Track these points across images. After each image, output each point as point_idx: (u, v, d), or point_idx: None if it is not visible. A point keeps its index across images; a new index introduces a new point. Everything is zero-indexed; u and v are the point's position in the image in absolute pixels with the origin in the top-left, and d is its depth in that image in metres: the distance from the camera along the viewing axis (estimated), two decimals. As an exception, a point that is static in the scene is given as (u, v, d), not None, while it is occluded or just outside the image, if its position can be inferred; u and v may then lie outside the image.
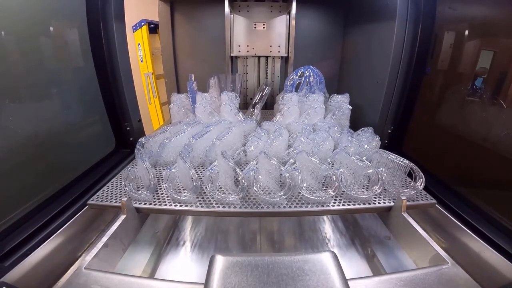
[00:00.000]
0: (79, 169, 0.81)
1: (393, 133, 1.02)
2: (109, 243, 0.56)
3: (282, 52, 1.49)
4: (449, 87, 0.88)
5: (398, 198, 0.63)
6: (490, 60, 0.72)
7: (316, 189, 0.67)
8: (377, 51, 1.10)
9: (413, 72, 0.94)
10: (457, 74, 0.85)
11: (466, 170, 0.78)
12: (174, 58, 1.59)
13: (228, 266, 0.40)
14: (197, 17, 1.52)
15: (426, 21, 0.89)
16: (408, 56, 0.94)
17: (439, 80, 0.92)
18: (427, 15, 0.89)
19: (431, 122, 0.94)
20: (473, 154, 0.76)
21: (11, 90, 0.66)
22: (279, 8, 1.44)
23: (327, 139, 0.83)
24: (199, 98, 1.19)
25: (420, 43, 0.91)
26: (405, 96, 0.97)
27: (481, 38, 0.76)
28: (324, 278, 0.38)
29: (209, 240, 0.83)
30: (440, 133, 0.88)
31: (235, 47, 1.49)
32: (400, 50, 0.94)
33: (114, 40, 0.90)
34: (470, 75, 0.79)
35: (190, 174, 0.64)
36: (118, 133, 0.99)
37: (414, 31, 0.91)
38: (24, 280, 0.48)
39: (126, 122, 0.99)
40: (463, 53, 0.81)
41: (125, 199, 0.62)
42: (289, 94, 1.21)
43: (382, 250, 0.74)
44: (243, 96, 1.64)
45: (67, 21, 0.84)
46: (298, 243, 0.83)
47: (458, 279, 0.47)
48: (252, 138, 0.86)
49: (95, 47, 0.89)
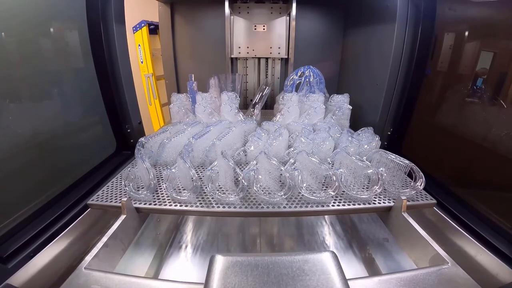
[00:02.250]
0: (80, 171, 0.81)
1: (392, 135, 1.03)
2: (109, 243, 0.56)
3: (282, 53, 1.49)
4: (448, 88, 0.88)
5: (398, 198, 0.63)
6: (490, 60, 0.72)
7: (316, 189, 0.67)
8: (377, 53, 1.10)
9: (413, 74, 0.94)
10: (456, 75, 0.86)
11: (466, 170, 0.78)
12: (174, 59, 1.60)
13: (228, 266, 0.40)
14: (197, 19, 1.52)
15: (426, 23, 0.89)
16: (408, 58, 0.94)
17: (439, 81, 0.93)
18: (427, 17, 0.89)
19: (431, 124, 0.94)
20: (473, 155, 0.76)
21: (11, 92, 0.66)
22: (279, 10, 1.44)
23: (327, 139, 0.83)
24: (199, 98, 1.19)
25: (420, 45, 0.91)
26: (405, 98, 0.97)
27: (481, 39, 0.76)
28: (324, 278, 0.38)
29: (209, 241, 0.83)
30: (440, 134, 0.89)
31: (235, 48, 1.49)
32: (400, 52, 0.95)
33: (114, 41, 0.90)
34: (470, 76, 0.79)
35: (190, 174, 0.64)
36: (118, 135, 1.00)
37: (414, 33, 0.92)
38: (27, 282, 0.48)
39: (127, 124, 0.99)
40: (462, 54, 0.81)
41: (125, 199, 0.62)
42: (289, 94, 1.22)
43: (382, 250, 0.74)
44: (243, 97, 1.63)
45: (67, 22, 0.84)
46: (298, 244, 0.83)
47: (458, 279, 0.47)
48: (252, 138, 0.86)
49: (95, 49, 0.89)
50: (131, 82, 1.02)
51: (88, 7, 0.86)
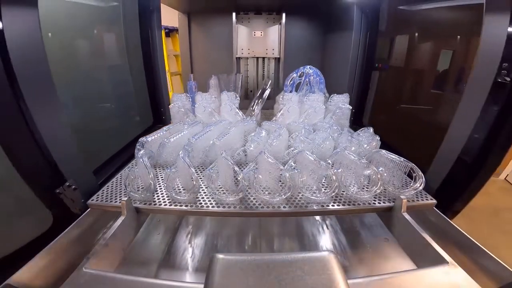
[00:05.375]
0: (132, 135, 1.18)
1: (355, 113, 1.40)
2: (109, 243, 0.56)
3: (276, 54, 1.90)
4: (387, 77, 1.33)
5: (398, 198, 0.63)
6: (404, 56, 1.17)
7: (316, 189, 0.67)
8: (343, 52, 1.47)
9: (366, 67, 1.36)
10: (397, 68, 1.26)
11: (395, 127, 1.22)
12: (190, 59, 1.99)
13: (228, 266, 0.40)
14: (209, 26, 1.91)
15: (372, 31, 1.31)
16: (362, 56, 1.37)
17: (385, 73, 1.36)
18: (373, 27, 1.31)
19: (379, 102, 1.38)
20: (406, 120, 1.17)
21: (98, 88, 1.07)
22: (273, 20, 1.86)
23: (327, 139, 0.83)
24: (199, 98, 1.19)
25: (369, 46, 1.34)
26: (362, 85, 1.40)
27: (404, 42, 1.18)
28: (324, 278, 0.38)
29: (209, 241, 0.83)
30: (389, 109, 1.32)
31: (239, 50, 1.88)
32: (356, 51, 1.36)
33: (155, 43, 1.27)
34: (400, 66, 1.23)
35: (190, 174, 0.64)
36: (155, 113, 1.37)
37: (364, 37, 1.33)
38: (27, 282, 0.48)
39: (162, 108, 1.37)
40: (399, 53, 1.22)
41: (125, 199, 0.62)
42: (289, 94, 1.22)
43: (382, 250, 0.74)
44: (244, 88, 1.97)
45: (130, 29, 1.20)
46: (298, 244, 0.83)
47: (458, 279, 0.47)
48: (252, 138, 0.86)
49: (144, 49, 1.26)
50: (165, 75, 1.38)
51: (141, 17, 1.23)
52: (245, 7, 1.78)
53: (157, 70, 1.31)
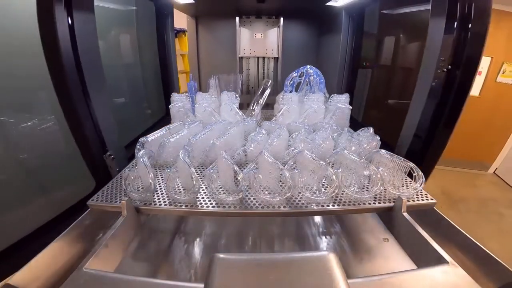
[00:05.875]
0: (151, 122, 1.47)
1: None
2: (109, 243, 0.56)
3: (274, 54, 2.10)
4: (378, 74, 1.58)
5: (398, 198, 0.63)
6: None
7: (316, 189, 0.67)
8: (333, 52, 1.70)
9: (353, 65, 1.60)
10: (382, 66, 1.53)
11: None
12: (197, 58, 2.20)
13: (228, 266, 0.40)
14: (215, 28, 2.13)
15: (358, 33, 1.54)
16: (349, 55, 1.59)
17: (372, 70, 1.63)
18: (359, 30, 1.53)
19: (370, 98, 1.64)
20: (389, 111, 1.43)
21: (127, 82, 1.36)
22: (272, 23, 2.06)
23: (327, 139, 0.83)
24: (199, 98, 1.19)
25: (355, 47, 1.57)
26: (349, 81, 1.64)
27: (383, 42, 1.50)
28: (324, 278, 0.38)
29: (209, 241, 0.83)
30: (376, 101, 1.59)
31: (242, 50, 2.08)
32: (344, 51, 1.59)
33: (169, 44, 1.49)
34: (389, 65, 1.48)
35: (190, 174, 0.64)
36: (167, 105, 1.41)
37: (351, 39, 1.56)
38: (27, 282, 0.48)
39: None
40: (384, 52, 1.48)
41: (125, 199, 0.62)
42: (289, 94, 1.22)
43: (382, 250, 0.74)
44: (246, 85, 2.19)
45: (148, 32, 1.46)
46: (298, 244, 0.83)
47: (458, 279, 0.47)
48: (252, 138, 0.86)
49: (160, 49, 1.48)
50: (177, 72, 1.65)
51: (158, 21, 1.44)
52: (247, 12, 2.00)
53: (171, 67, 1.52)
